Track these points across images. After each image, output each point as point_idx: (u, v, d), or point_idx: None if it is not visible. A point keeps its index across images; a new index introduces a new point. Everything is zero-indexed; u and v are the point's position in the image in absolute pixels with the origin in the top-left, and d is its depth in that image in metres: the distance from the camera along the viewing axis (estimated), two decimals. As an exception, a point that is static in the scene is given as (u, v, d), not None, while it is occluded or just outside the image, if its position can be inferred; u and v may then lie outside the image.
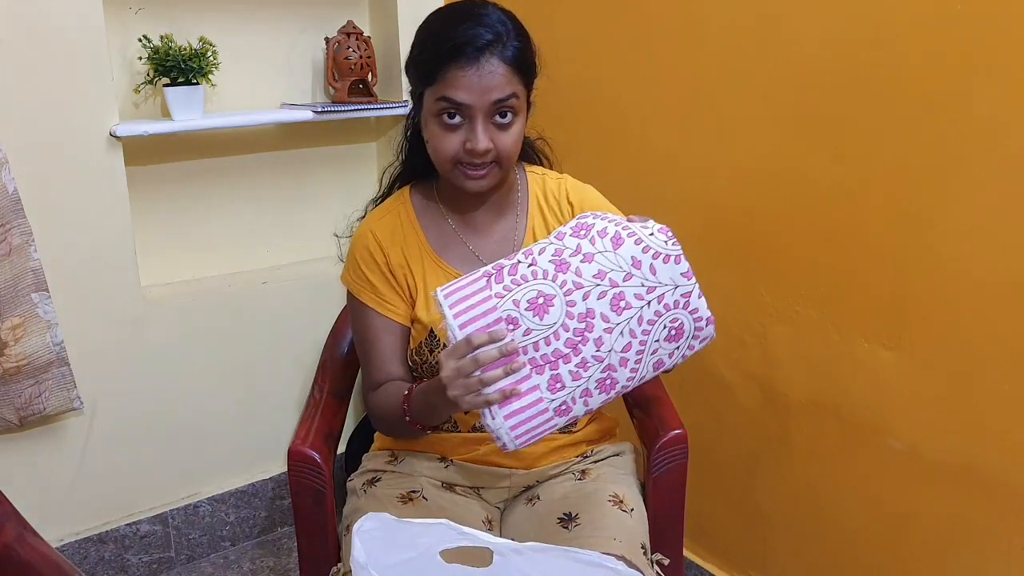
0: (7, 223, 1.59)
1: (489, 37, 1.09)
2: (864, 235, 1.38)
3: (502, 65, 1.09)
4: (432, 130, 1.14)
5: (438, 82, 1.10)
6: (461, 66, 1.08)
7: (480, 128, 1.10)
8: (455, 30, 1.10)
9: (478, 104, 1.09)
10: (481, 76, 1.08)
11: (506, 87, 1.10)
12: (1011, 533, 1.26)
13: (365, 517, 0.94)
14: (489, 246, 1.25)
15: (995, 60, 1.17)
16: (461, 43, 1.09)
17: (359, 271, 1.24)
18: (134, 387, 1.86)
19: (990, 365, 1.25)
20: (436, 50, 1.11)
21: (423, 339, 1.22)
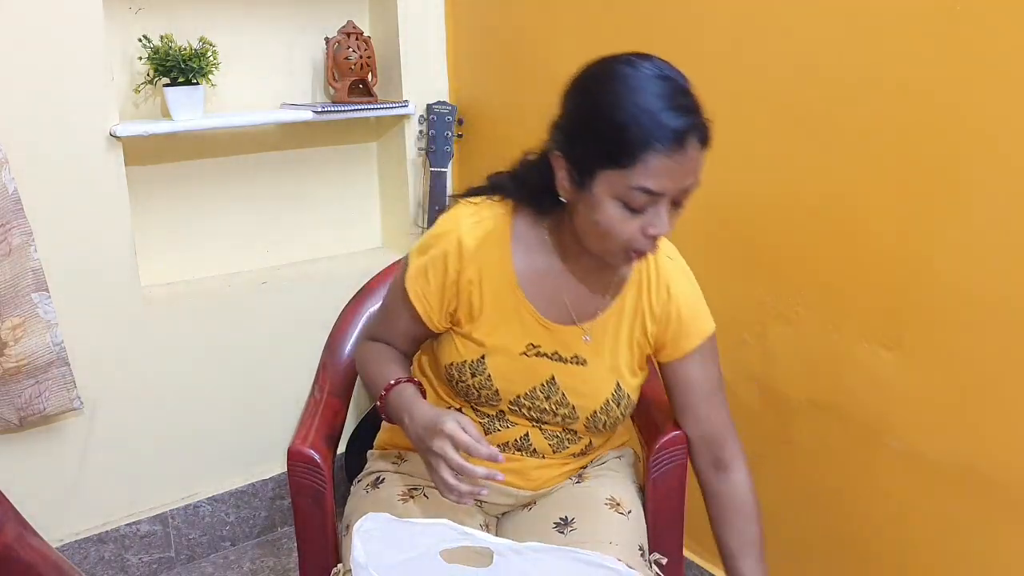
0: (7, 223, 1.59)
1: (695, 120, 0.99)
2: (865, 235, 1.38)
3: (700, 148, 1.00)
4: (608, 212, 1.01)
5: (637, 168, 0.97)
6: (668, 154, 0.97)
7: (665, 213, 1.01)
8: (662, 106, 0.97)
9: (671, 191, 1.00)
10: (683, 163, 0.98)
11: (696, 173, 1.01)
12: (1011, 533, 1.26)
13: (365, 517, 0.94)
14: (574, 294, 1.17)
15: (996, 61, 1.17)
16: (672, 130, 0.96)
17: (424, 264, 1.17)
18: (134, 387, 1.86)
19: (990, 365, 1.25)
20: (636, 130, 0.97)
21: (473, 359, 1.16)
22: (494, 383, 1.16)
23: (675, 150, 0.97)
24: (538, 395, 1.17)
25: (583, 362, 1.17)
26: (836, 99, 1.37)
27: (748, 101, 1.51)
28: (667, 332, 1.19)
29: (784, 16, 1.42)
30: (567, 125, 1.06)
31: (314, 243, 2.22)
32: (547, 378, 1.17)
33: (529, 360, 1.17)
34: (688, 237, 1.66)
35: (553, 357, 1.17)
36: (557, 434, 1.21)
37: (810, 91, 1.41)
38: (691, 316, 1.20)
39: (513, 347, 1.16)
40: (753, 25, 1.48)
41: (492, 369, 1.16)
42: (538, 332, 1.16)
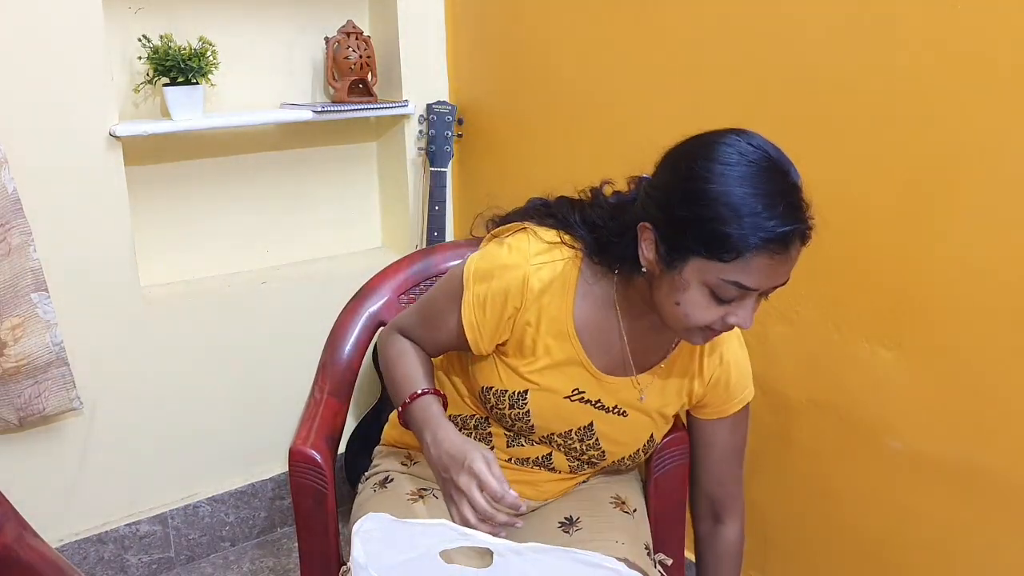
0: (7, 223, 1.59)
1: (799, 222, 0.95)
2: (865, 235, 1.38)
3: (800, 248, 0.97)
4: (694, 298, 0.98)
5: (733, 264, 0.94)
6: (772, 256, 0.94)
7: (752, 307, 0.99)
8: (774, 208, 0.93)
9: (765, 288, 0.98)
10: (783, 264, 0.96)
11: (788, 274, 0.98)
12: (1011, 533, 1.26)
13: (365, 517, 0.95)
14: (638, 348, 1.14)
15: (996, 61, 1.17)
16: (778, 231, 0.93)
17: (483, 294, 1.10)
18: (134, 387, 1.86)
19: (990, 365, 1.25)
20: (745, 230, 0.92)
21: (515, 391, 1.14)
22: (532, 419, 1.15)
23: (778, 252, 0.94)
24: (572, 436, 1.17)
25: (624, 413, 1.16)
26: (836, 99, 1.37)
27: (748, 101, 1.51)
28: (713, 395, 1.20)
29: (784, 17, 1.42)
30: (664, 201, 1.00)
31: (314, 243, 2.22)
32: (586, 423, 1.16)
33: (572, 405, 1.15)
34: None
35: (596, 405, 1.15)
36: (579, 459, 1.21)
37: (810, 91, 1.41)
38: (738, 384, 1.21)
39: (559, 390, 1.14)
40: (753, 26, 1.48)
41: (533, 406, 1.14)
42: (587, 380, 1.14)
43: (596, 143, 1.84)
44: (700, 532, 1.31)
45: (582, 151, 1.83)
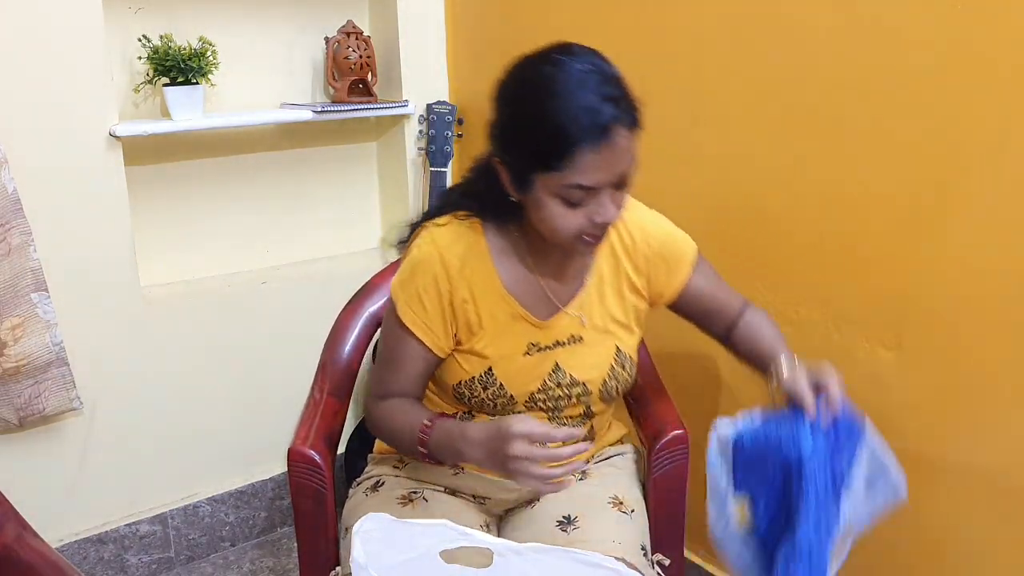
0: (7, 223, 1.59)
1: (615, 108, 0.99)
2: (865, 235, 1.38)
3: (628, 134, 1.00)
4: (552, 209, 1.04)
5: (565, 169, 0.99)
6: (596, 150, 0.98)
7: (608, 201, 1.03)
8: (578, 106, 0.98)
9: (607, 181, 1.02)
10: (614, 153, 0.99)
11: (630, 157, 1.02)
12: (1011, 533, 1.26)
13: (365, 518, 0.94)
14: (556, 285, 1.19)
15: (997, 61, 1.17)
16: (591, 123, 0.97)
17: (415, 293, 1.15)
18: (134, 387, 1.86)
19: (990, 365, 1.25)
20: (559, 135, 0.98)
21: (479, 374, 1.17)
22: (507, 390, 1.17)
23: (603, 144, 0.98)
24: (549, 385, 1.19)
25: (579, 339, 1.20)
26: (836, 99, 1.37)
27: (748, 101, 1.51)
28: (657, 276, 1.22)
29: (785, 17, 1.42)
30: (499, 132, 1.08)
31: (314, 243, 2.21)
32: (552, 367, 1.19)
33: (532, 358, 1.18)
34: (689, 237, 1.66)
35: (553, 347, 1.19)
36: (565, 420, 1.23)
37: (810, 91, 1.41)
38: (672, 250, 1.23)
39: (516, 351, 1.17)
40: (753, 25, 1.48)
41: (502, 377, 1.17)
42: (534, 332, 1.18)
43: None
44: (728, 340, 1.31)
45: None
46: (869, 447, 1.09)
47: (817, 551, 1.04)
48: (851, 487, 1.07)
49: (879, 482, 1.10)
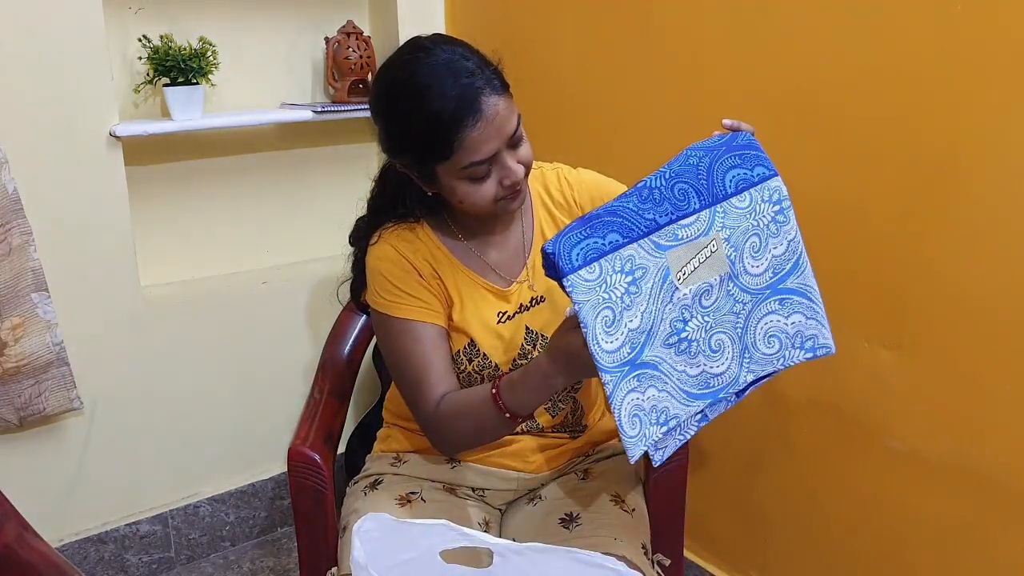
0: (7, 223, 1.59)
1: (476, 82, 1.05)
2: (865, 235, 1.38)
3: (497, 97, 1.06)
4: (463, 190, 1.10)
5: (456, 154, 1.06)
6: (473, 127, 1.04)
7: (509, 162, 1.09)
8: (443, 96, 1.04)
9: (499, 147, 1.07)
10: (490, 121, 1.05)
11: (511, 115, 1.08)
12: (1011, 533, 1.26)
13: (365, 517, 0.94)
14: (503, 257, 1.24)
15: (996, 61, 1.17)
16: (460, 106, 1.04)
17: (390, 287, 1.17)
18: (134, 387, 1.86)
19: (990, 365, 1.25)
20: (437, 127, 1.05)
21: (462, 347, 1.20)
22: (491, 359, 1.20)
23: (479, 119, 1.04)
24: (527, 349, 1.21)
25: (541, 299, 1.23)
26: (836, 98, 1.37)
27: (747, 101, 1.51)
28: (590, 206, 1.24)
29: (783, 17, 1.42)
30: (386, 143, 1.14)
31: (314, 243, 2.22)
32: (524, 331, 1.22)
33: (505, 326, 1.22)
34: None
35: (520, 311, 1.23)
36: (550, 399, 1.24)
37: (810, 91, 1.41)
38: (602, 190, 1.26)
39: (489, 320, 1.21)
40: (752, 26, 1.48)
41: (484, 347, 1.20)
42: (499, 303, 1.22)
43: (595, 144, 1.84)
44: None
45: (581, 152, 1.83)
46: (790, 237, 1.02)
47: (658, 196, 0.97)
48: (733, 211, 0.99)
49: (798, 302, 1.02)
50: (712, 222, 0.98)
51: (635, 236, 0.94)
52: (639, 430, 0.94)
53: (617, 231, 0.94)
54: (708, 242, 0.98)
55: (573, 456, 1.30)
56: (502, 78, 1.10)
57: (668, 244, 0.96)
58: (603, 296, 0.91)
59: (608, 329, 0.91)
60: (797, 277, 1.03)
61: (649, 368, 0.95)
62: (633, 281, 0.93)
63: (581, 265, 0.91)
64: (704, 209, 0.98)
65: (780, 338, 1.03)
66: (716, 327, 0.99)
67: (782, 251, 1.02)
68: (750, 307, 1.01)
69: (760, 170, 1.02)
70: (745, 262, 1.00)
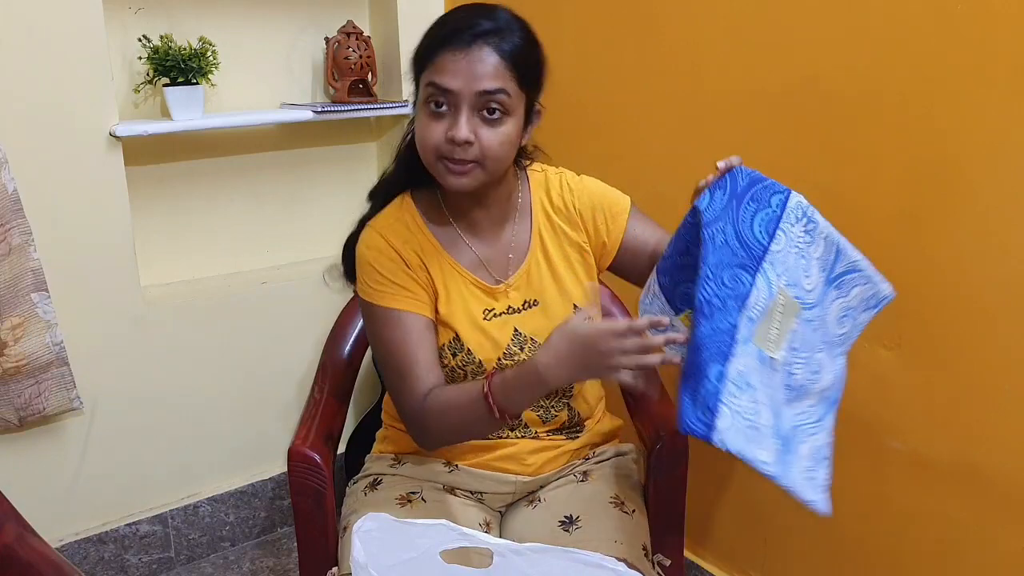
0: (7, 223, 1.59)
1: (488, 27, 1.07)
2: (864, 235, 1.37)
3: (495, 56, 1.07)
4: (420, 119, 1.12)
5: (429, 67, 1.09)
6: (452, 51, 1.07)
7: (464, 117, 1.07)
8: (456, 18, 1.10)
9: (464, 91, 1.06)
10: (471, 62, 1.06)
11: (495, 79, 1.07)
12: (1011, 533, 1.26)
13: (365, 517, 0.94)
14: (494, 251, 1.23)
15: (996, 62, 1.17)
16: (457, 29, 1.08)
17: (378, 277, 1.17)
18: (134, 387, 1.86)
19: (990, 365, 1.25)
20: (433, 36, 1.10)
21: (447, 342, 1.20)
22: (475, 355, 1.19)
23: (461, 50, 1.06)
24: (513, 350, 1.20)
25: (535, 303, 1.22)
26: (835, 99, 1.37)
27: (747, 101, 1.51)
28: (597, 228, 1.24)
29: (784, 17, 1.42)
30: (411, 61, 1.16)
31: (314, 243, 2.22)
32: (512, 332, 1.21)
33: (491, 323, 1.21)
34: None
35: (509, 312, 1.21)
36: (542, 400, 1.24)
37: (809, 91, 1.41)
38: (605, 202, 1.25)
39: (475, 316, 1.20)
40: (753, 26, 1.48)
41: (468, 343, 1.19)
42: (486, 297, 1.21)
43: (596, 144, 1.84)
44: None
45: (582, 152, 1.83)
46: (824, 234, 1.04)
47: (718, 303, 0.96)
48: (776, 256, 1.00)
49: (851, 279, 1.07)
50: (769, 281, 0.99)
51: (728, 352, 0.95)
52: (815, 484, 1.00)
53: (714, 361, 0.94)
54: (775, 302, 1.00)
55: (572, 458, 1.30)
56: (522, 57, 1.09)
57: (750, 334, 0.97)
58: (741, 421, 0.93)
59: (759, 443, 0.94)
60: (842, 262, 1.06)
61: (793, 434, 0.99)
62: (748, 386, 0.95)
63: (712, 419, 0.92)
64: (756, 274, 0.99)
65: (850, 315, 1.08)
66: (811, 354, 1.03)
67: (821, 251, 1.04)
68: (821, 313, 1.04)
69: (776, 198, 1.03)
70: (803, 285, 1.02)
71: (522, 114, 1.13)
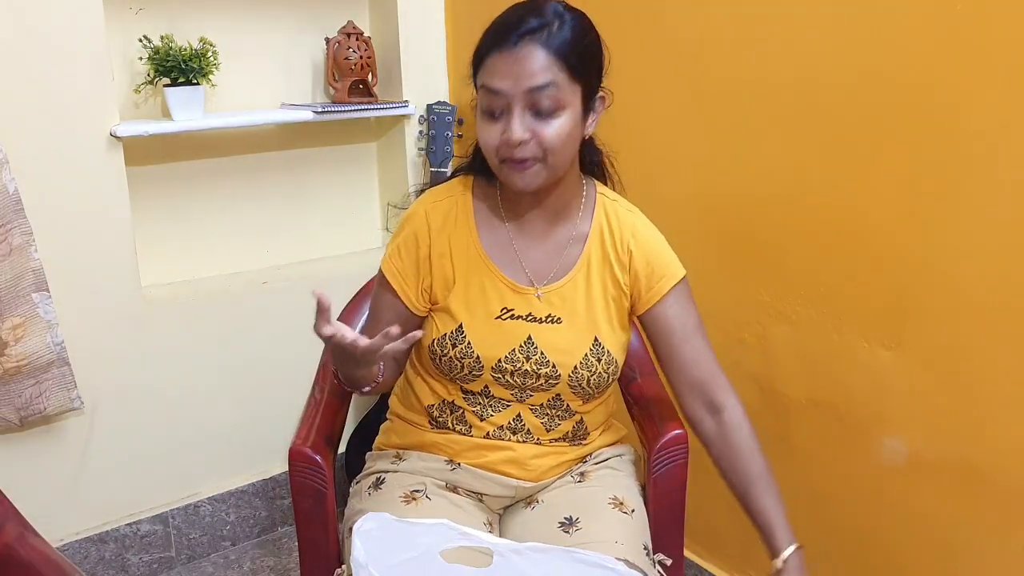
0: (7, 223, 1.59)
1: (533, 24, 1.06)
2: (864, 235, 1.38)
3: (541, 51, 1.06)
4: (479, 124, 1.13)
5: (481, 71, 1.10)
6: (500, 52, 1.07)
7: (516, 118, 1.07)
8: (505, 18, 1.10)
9: (513, 91, 1.07)
10: (517, 61, 1.06)
11: (542, 74, 1.06)
12: (1011, 533, 1.26)
13: (365, 517, 0.95)
14: (537, 256, 1.21)
15: (996, 61, 1.17)
16: (503, 30, 1.08)
17: (397, 246, 1.23)
18: (134, 387, 1.86)
19: (990, 365, 1.25)
20: (484, 38, 1.11)
21: (449, 331, 1.20)
22: (475, 350, 1.19)
23: (507, 50, 1.06)
24: (518, 356, 1.19)
25: (558, 320, 1.20)
26: (836, 98, 1.37)
27: (748, 101, 1.51)
28: (640, 279, 1.21)
29: (785, 15, 1.42)
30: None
31: (314, 243, 2.22)
32: (524, 339, 1.19)
33: (505, 323, 1.19)
34: (689, 237, 1.66)
35: (528, 319, 1.20)
36: (547, 411, 1.23)
37: (810, 91, 1.41)
38: (660, 260, 1.22)
39: (488, 313, 1.20)
40: (754, 24, 1.48)
41: (471, 336, 1.19)
42: (510, 296, 1.20)
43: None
44: (704, 434, 1.23)
45: (582, 151, 1.83)
46: None
47: None
48: None
49: None
50: None
51: None
52: None
53: None
54: None
55: (573, 465, 1.29)
56: (573, 49, 1.08)
57: None
58: None
59: None
60: None
61: None
62: None
63: None
64: None
65: None
66: None
67: None
68: None
69: None
70: None
71: (579, 105, 1.11)
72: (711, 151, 1.61)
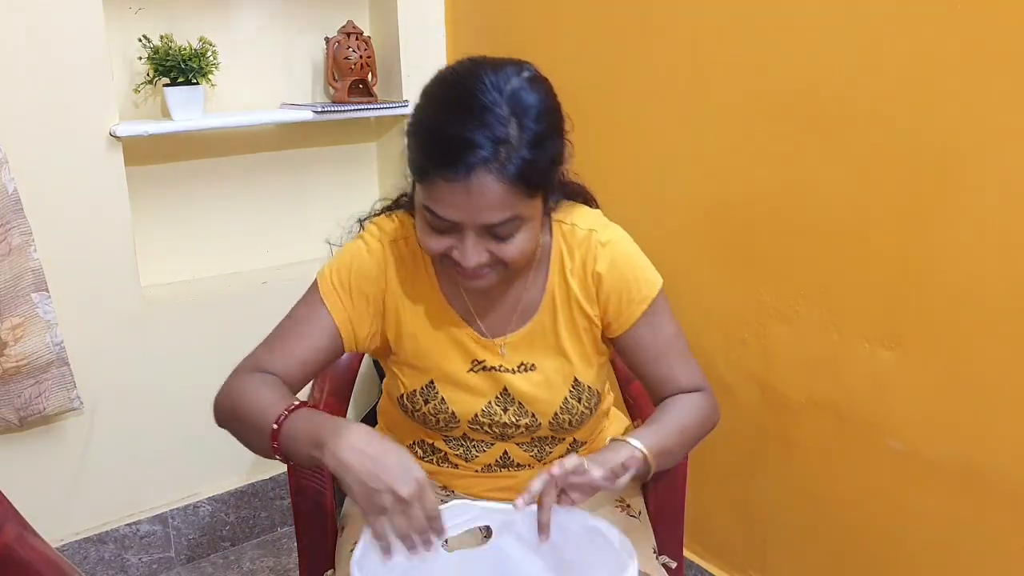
0: (7, 223, 1.59)
1: (485, 152, 0.88)
2: (864, 235, 1.38)
3: (499, 185, 0.89)
4: (419, 223, 0.98)
5: (425, 185, 0.93)
6: (448, 179, 0.89)
7: (470, 244, 0.94)
8: (449, 127, 0.91)
9: (466, 222, 0.93)
10: (470, 195, 0.90)
11: (501, 210, 0.91)
12: (1011, 533, 1.26)
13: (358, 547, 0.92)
14: (498, 303, 1.11)
15: (996, 61, 1.17)
16: (448, 151, 0.89)
17: (348, 270, 1.09)
18: (134, 387, 1.86)
19: (990, 365, 1.25)
20: (426, 148, 0.93)
21: (419, 387, 1.11)
22: (449, 406, 1.11)
23: (458, 182, 0.89)
24: (495, 409, 1.12)
25: (531, 367, 1.11)
26: (836, 98, 1.37)
27: (748, 101, 1.51)
28: (609, 307, 1.10)
29: (784, 16, 1.42)
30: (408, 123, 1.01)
31: (314, 243, 2.21)
32: (499, 390, 1.12)
33: (477, 376, 1.11)
34: (689, 237, 1.66)
35: (500, 369, 1.11)
36: (535, 444, 1.17)
37: (810, 91, 1.41)
38: (630, 285, 1.09)
39: (459, 367, 1.11)
40: (753, 25, 1.48)
41: (443, 392, 1.11)
42: (478, 349, 1.11)
43: (596, 145, 1.84)
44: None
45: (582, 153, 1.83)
46: None
47: None
48: None
49: None
50: None
51: None
52: None
53: None
54: None
55: None
56: (533, 170, 0.91)
57: None
58: None
59: None
60: None
61: None
62: None
63: None
64: None
65: None
66: None
67: None
68: None
69: None
70: None
71: (540, 210, 0.99)
72: (711, 151, 1.61)
